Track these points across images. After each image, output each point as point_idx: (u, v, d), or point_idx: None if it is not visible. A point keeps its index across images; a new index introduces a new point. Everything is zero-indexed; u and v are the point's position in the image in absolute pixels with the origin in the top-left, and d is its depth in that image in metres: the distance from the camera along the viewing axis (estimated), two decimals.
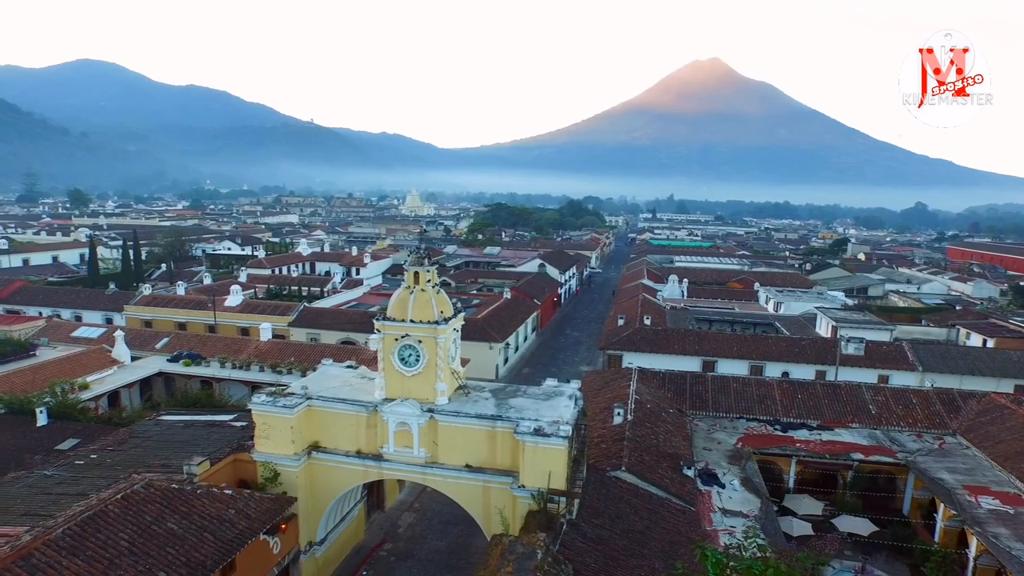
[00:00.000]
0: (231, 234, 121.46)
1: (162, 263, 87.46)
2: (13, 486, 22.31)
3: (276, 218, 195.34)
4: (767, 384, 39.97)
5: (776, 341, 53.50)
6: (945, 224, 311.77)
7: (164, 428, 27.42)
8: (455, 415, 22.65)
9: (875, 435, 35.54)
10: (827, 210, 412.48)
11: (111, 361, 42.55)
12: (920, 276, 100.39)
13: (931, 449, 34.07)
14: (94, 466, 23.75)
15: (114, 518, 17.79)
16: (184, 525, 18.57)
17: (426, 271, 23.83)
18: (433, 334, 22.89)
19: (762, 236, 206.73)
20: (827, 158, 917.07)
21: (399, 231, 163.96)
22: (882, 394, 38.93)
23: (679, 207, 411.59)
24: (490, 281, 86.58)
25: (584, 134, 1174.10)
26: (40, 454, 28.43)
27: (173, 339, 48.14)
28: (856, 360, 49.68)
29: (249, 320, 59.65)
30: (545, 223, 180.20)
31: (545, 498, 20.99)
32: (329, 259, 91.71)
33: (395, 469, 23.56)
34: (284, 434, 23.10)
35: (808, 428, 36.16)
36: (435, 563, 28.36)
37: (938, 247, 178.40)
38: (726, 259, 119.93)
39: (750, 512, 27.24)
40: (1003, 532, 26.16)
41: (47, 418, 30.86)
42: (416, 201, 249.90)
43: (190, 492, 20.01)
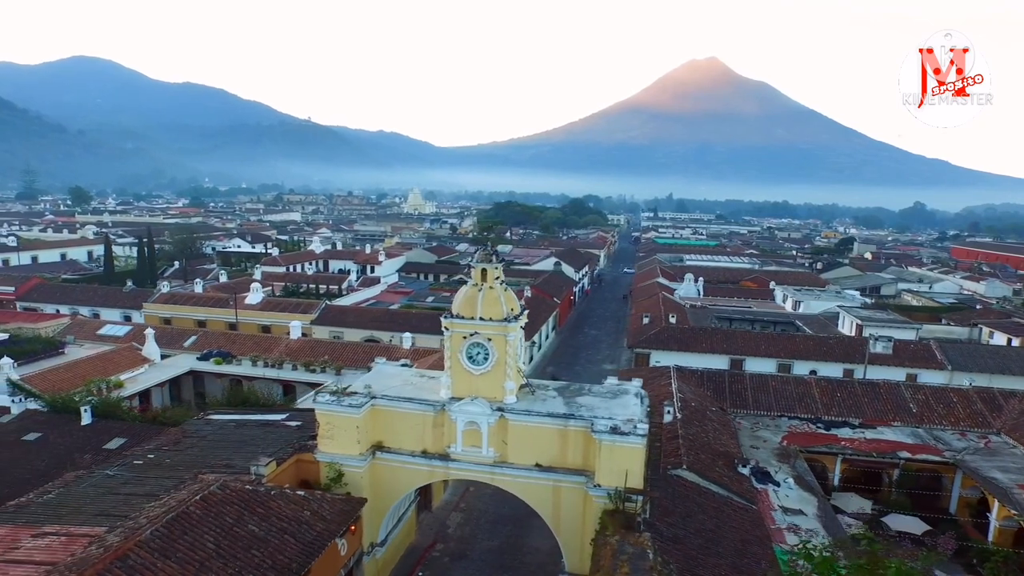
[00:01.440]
0: (239, 232, 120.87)
1: (174, 261, 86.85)
2: (78, 486, 21.96)
3: (279, 216, 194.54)
4: (805, 382, 39.84)
5: (803, 339, 53.40)
6: (943, 224, 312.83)
7: (216, 428, 27.07)
8: (526, 414, 22.38)
9: (918, 433, 35.41)
10: (826, 209, 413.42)
11: (142, 359, 42.12)
12: (931, 275, 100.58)
13: (977, 448, 33.94)
14: (154, 466, 23.40)
15: (197, 520, 17.48)
16: (264, 527, 18.27)
17: (494, 268, 23.56)
18: (503, 332, 22.62)
19: (766, 235, 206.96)
20: (824, 158, 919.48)
21: (404, 229, 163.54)
22: (922, 392, 38.82)
23: (679, 206, 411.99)
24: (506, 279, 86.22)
25: (581, 133, 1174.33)
26: (89, 453, 28.15)
27: (201, 337, 47.72)
28: (884, 359, 49.59)
29: (271, 318, 59.26)
30: (550, 222, 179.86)
31: (623, 497, 20.74)
32: (343, 257, 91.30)
33: (462, 469, 23.26)
34: (349, 434, 22.78)
35: (850, 426, 36.02)
36: (489, 563, 28.12)
37: (940, 247, 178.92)
38: (736, 258, 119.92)
39: (809, 511, 27.10)
40: None
41: (91, 417, 30.47)
42: (418, 199, 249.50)
43: (264, 493, 19.71)
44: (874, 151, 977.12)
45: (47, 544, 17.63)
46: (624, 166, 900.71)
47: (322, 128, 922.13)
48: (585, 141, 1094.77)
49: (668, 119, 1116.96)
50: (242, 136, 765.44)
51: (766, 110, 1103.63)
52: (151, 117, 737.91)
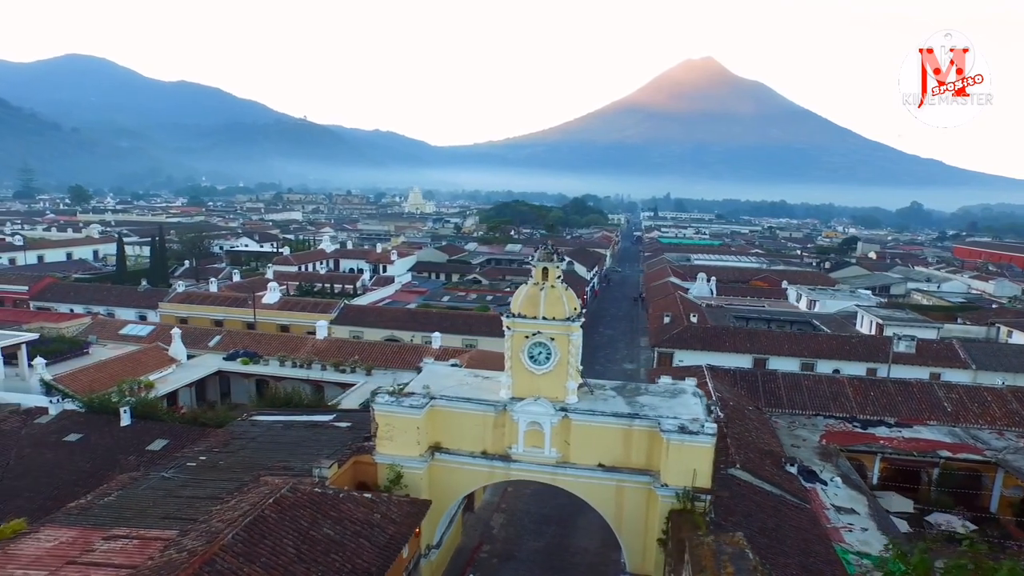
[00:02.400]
0: (246, 231, 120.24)
1: (184, 260, 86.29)
2: (136, 488, 21.68)
3: (280, 215, 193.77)
4: (838, 381, 39.84)
5: (826, 339, 53.47)
6: (940, 224, 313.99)
7: (263, 429, 26.80)
8: (590, 414, 22.23)
9: (955, 432, 35.40)
10: (823, 209, 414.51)
11: (169, 359, 41.77)
12: (939, 275, 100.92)
13: (1018, 447, 33.95)
14: (209, 468, 23.13)
15: (274, 523, 17.25)
16: (339, 530, 18.06)
17: (555, 266, 23.38)
18: (566, 331, 22.47)
19: (767, 235, 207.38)
20: (820, 157, 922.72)
21: (407, 228, 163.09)
22: (955, 391, 38.85)
23: (677, 206, 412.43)
24: (519, 279, 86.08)
25: (577, 132, 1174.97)
26: (132, 454, 27.87)
27: (226, 337, 47.37)
28: (908, 358, 49.65)
29: (289, 318, 58.95)
30: (554, 221, 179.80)
31: (691, 497, 20.61)
32: (354, 256, 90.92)
33: (523, 470, 23.08)
34: (409, 435, 22.57)
35: (887, 425, 36.01)
36: (537, 564, 27.97)
37: (941, 246, 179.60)
38: (743, 258, 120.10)
39: (860, 510, 27.06)
40: None
41: (131, 418, 30.15)
42: (418, 199, 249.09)
43: (334, 496, 19.51)
44: (868, 151, 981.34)
45: (121, 547, 17.37)
46: (620, 165, 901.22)
47: (318, 127, 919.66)
48: (581, 140, 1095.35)
49: (664, 119, 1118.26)
50: (238, 135, 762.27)
51: (761, 110, 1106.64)
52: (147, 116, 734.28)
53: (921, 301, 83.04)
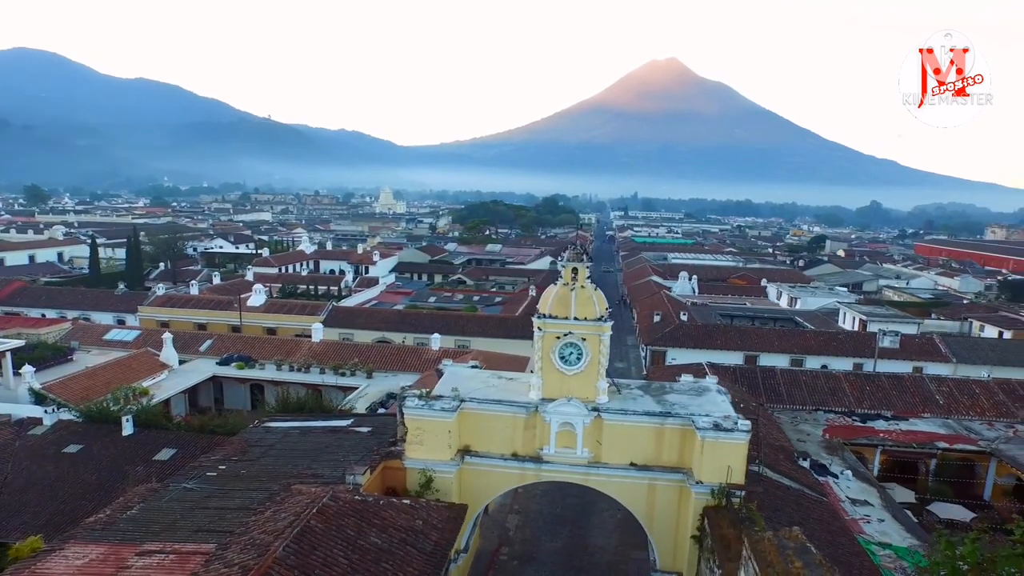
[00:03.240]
0: (219, 232, 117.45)
1: (158, 262, 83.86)
2: (158, 500, 20.91)
3: (249, 216, 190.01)
4: (835, 377, 40.75)
5: (814, 335, 54.68)
6: (898, 222, 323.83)
7: (280, 436, 26.14)
8: (623, 413, 22.26)
9: (949, 424, 36.57)
10: (787, 208, 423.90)
11: (160, 365, 40.55)
12: (907, 272, 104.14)
13: (1009, 437, 35.16)
14: (232, 478, 22.46)
15: (321, 534, 16.83)
16: (385, 539, 17.71)
17: (585, 267, 23.34)
18: (597, 331, 22.46)
19: (736, 234, 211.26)
20: (782, 157, 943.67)
21: (381, 229, 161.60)
22: (946, 385, 40.12)
23: (645, 205, 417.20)
24: (502, 279, 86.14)
25: (544, 132, 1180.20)
26: (140, 465, 26.93)
27: (217, 341, 46.15)
28: (892, 353, 51.09)
29: (276, 320, 57.88)
30: (529, 221, 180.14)
31: (727, 493, 20.81)
32: (334, 257, 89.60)
33: (555, 471, 22.99)
34: (440, 438, 22.29)
35: (884, 419, 36.99)
36: (559, 565, 27.90)
37: (902, 244, 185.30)
38: (719, 256, 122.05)
39: (874, 501, 27.71)
40: None
41: (133, 427, 29.13)
42: (389, 199, 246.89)
43: (374, 503, 19.14)
44: (828, 151, 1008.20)
45: (159, 563, 16.73)
46: (588, 165, 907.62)
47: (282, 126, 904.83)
48: (548, 140, 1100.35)
49: (630, 118, 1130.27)
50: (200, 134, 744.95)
51: (725, 110, 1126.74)
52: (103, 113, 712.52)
53: (893, 297, 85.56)
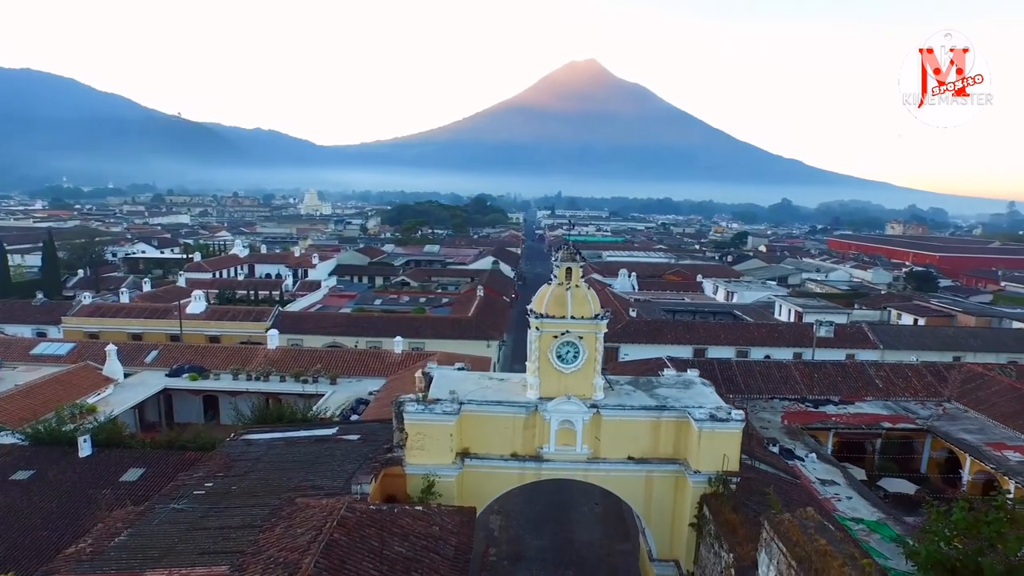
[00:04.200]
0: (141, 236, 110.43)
1: (75, 269, 78.11)
2: (147, 524, 19.61)
3: (165, 219, 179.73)
4: (786, 367, 43.05)
5: (757, 328, 57.46)
6: (807, 218, 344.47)
7: (263, 448, 25.04)
8: (620, 408, 22.74)
9: (889, 406, 39.42)
10: (705, 206, 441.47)
11: (104, 380, 37.99)
12: (826, 265, 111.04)
13: (940, 415, 38.30)
14: (223, 495, 21.36)
15: (347, 546, 16.37)
16: (407, 547, 17.39)
17: (579, 267, 23.65)
18: (594, 330, 22.85)
19: (662, 231, 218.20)
20: (697, 157, 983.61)
21: (310, 231, 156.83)
22: (883, 370, 43.19)
23: (570, 203, 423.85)
24: (444, 279, 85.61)
25: (466, 132, 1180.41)
26: (106, 488, 25.18)
27: (164, 351, 43.57)
28: (827, 341, 54.40)
29: (220, 328, 55.34)
30: (461, 221, 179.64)
31: (724, 480, 21.70)
32: (271, 261, 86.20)
33: (555, 469, 23.19)
34: (442, 442, 22.07)
35: (833, 403, 39.44)
36: (550, 562, 28.26)
37: (815, 239, 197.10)
38: (651, 253, 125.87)
39: (839, 481, 29.55)
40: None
41: (91, 447, 27.16)
42: (314, 200, 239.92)
43: (389, 511, 18.75)
44: (739, 151, 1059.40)
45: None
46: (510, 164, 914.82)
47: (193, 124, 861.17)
48: (470, 140, 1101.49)
49: (550, 118, 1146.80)
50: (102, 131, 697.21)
51: (642, 111, 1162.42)
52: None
53: (816, 290, 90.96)
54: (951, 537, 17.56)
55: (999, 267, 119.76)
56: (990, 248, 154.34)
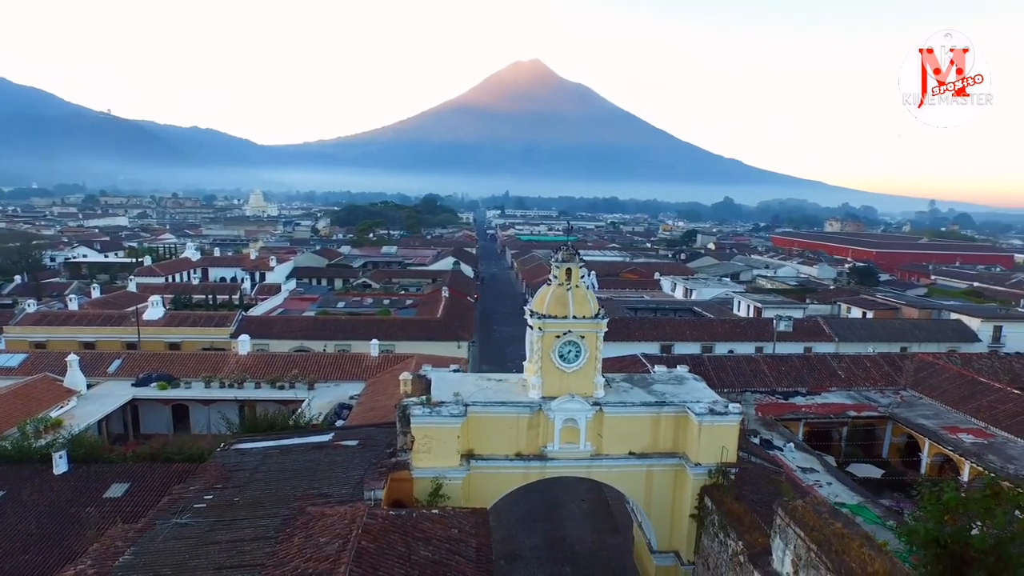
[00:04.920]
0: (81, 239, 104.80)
1: (11, 275, 73.74)
2: (150, 543, 18.85)
3: (102, 221, 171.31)
4: (755, 360, 44.64)
5: (720, 323, 59.29)
6: (747, 217, 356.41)
7: (259, 458, 24.35)
8: (622, 405, 23.23)
9: (852, 395, 41.41)
10: (650, 205, 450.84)
11: (66, 392, 36.16)
12: (774, 262, 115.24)
13: (898, 402, 40.49)
14: (227, 507, 20.72)
15: (376, 553, 16.21)
16: (432, 550, 17.34)
17: (578, 267, 23.99)
18: (595, 329, 23.27)
19: (612, 230, 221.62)
20: (641, 156, 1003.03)
21: (259, 232, 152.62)
22: (844, 361, 45.33)
23: (518, 203, 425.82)
24: (405, 280, 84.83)
25: (411, 131, 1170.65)
26: (89, 506, 24.10)
27: (127, 360, 41.73)
28: (787, 336, 56.68)
29: (180, 334, 53.43)
30: (414, 222, 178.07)
31: (724, 472, 22.47)
32: (226, 264, 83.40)
33: (559, 467, 23.49)
34: (449, 445, 22.07)
35: (801, 395, 41.15)
36: (545, 560, 28.55)
37: (759, 237, 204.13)
38: (606, 252, 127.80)
39: (818, 468, 30.93)
40: (991, 458, 32.29)
41: (67, 463, 25.88)
42: (260, 201, 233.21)
43: (408, 516, 18.64)
44: (682, 151, 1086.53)
45: None
46: (456, 164, 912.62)
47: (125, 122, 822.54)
48: (416, 139, 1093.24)
49: (496, 118, 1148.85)
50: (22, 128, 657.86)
51: (587, 111, 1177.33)
52: None
53: (767, 286, 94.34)
54: (941, 515, 18.75)
55: (929, 262, 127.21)
56: (920, 244, 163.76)
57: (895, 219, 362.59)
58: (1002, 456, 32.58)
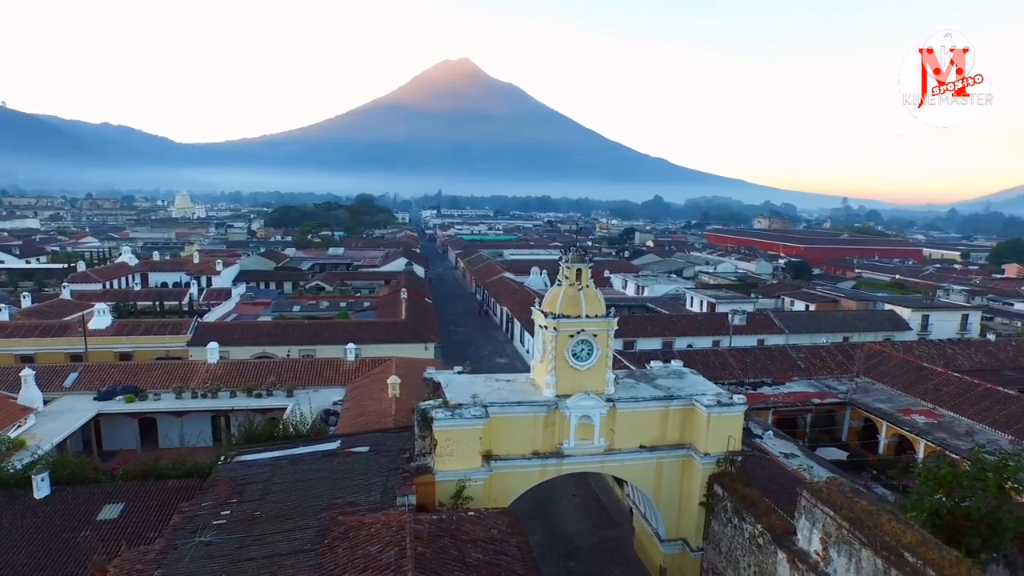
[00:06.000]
0: None
1: None
2: (178, 563, 18.03)
3: (9, 223, 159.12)
4: (722, 354, 46.59)
5: (679, 319, 61.38)
6: (677, 214, 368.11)
7: (268, 469, 23.54)
8: (633, 401, 23.95)
9: (813, 383, 43.88)
10: (582, 203, 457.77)
11: (21, 410, 33.69)
12: (713, 258, 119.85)
13: (855, 389, 43.24)
14: (249, 521, 20.00)
15: (433, 558, 16.20)
16: (481, 552, 17.46)
17: (587, 268, 24.55)
18: (606, 327, 23.90)
19: (550, 229, 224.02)
20: (571, 155, 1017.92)
21: (191, 235, 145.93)
22: (803, 352, 47.94)
23: (452, 203, 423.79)
24: (357, 283, 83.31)
25: (338, 130, 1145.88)
26: (84, 530, 22.73)
27: (84, 373, 39.23)
28: (741, 329, 59.29)
29: (131, 343, 50.76)
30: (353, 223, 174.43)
31: (731, 460, 23.60)
32: (167, 268, 79.25)
33: (574, 463, 23.99)
34: (471, 447, 22.18)
35: (767, 385, 43.28)
36: (548, 555, 28.86)
37: (692, 234, 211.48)
38: (550, 250, 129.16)
39: (798, 454, 32.68)
40: (943, 435, 35.10)
41: (50, 486, 24.27)
42: (186, 202, 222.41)
43: (448, 519, 18.70)
44: (610, 150, 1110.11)
45: None
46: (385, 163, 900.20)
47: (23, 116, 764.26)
48: (344, 138, 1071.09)
49: (425, 117, 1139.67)
50: None
51: (516, 110, 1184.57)
52: None
53: (709, 281, 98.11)
54: (937, 490, 20.45)
55: (852, 256, 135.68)
56: (841, 240, 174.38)
57: (813, 215, 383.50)
58: (952, 433, 35.43)
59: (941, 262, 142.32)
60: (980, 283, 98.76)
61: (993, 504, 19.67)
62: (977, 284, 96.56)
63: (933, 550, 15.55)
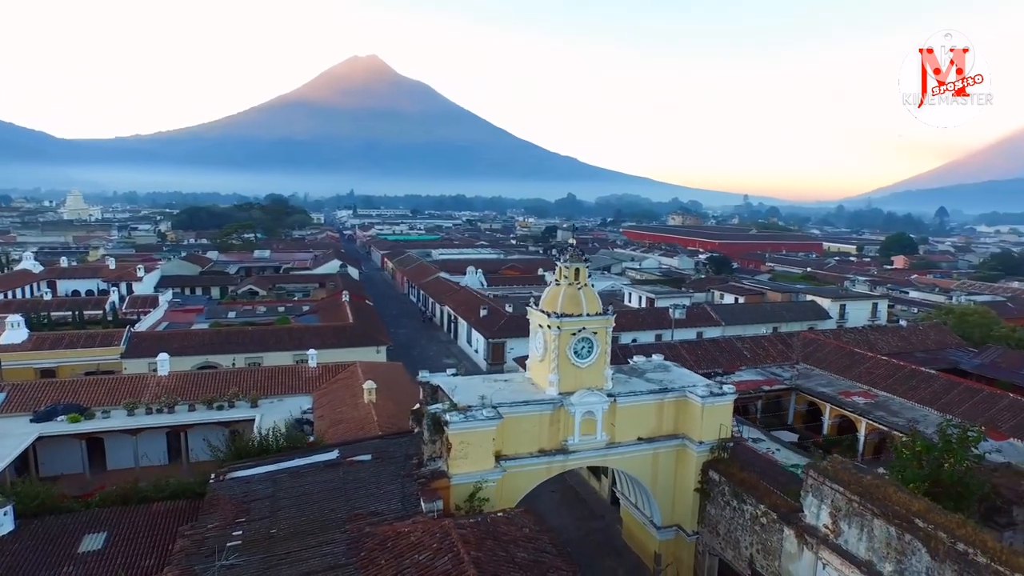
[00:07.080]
0: None
1: None
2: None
3: None
4: (674, 347, 48.53)
5: (623, 315, 62.93)
6: (590, 212, 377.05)
7: (270, 484, 22.39)
8: (632, 395, 24.78)
9: (760, 372, 46.57)
10: (496, 201, 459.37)
11: None
12: (638, 255, 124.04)
13: (797, 375, 46.31)
14: (266, 540, 19.11)
15: (486, 562, 16.24)
16: (524, 552, 17.67)
17: (585, 267, 25.10)
18: (605, 325, 24.58)
19: (470, 227, 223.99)
20: (482, 154, 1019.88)
21: (91, 238, 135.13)
22: (747, 343, 50.75)
23: (365, 202, 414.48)
24: (290, 286, 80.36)
25: (240, 127, 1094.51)
26: (65, 565, 20.92)
27: (12, 393, 35.68)
28: (681, 322, 61.99)
29: (55, 358, 46.78)
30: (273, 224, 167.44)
31: (724, 447, 24.93)
32: (79, 276, 72.99)
33: (578, 459, 24.50)
34: (485, 448, 22.21)
35: (719, 374, 45.47)
36: None
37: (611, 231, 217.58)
38: (480, 249, 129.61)
39: (764, 438, 34.73)
40: (881, 414, 38.36)
41: (14, 521, 22.16)
42: (79, 203, 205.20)
43: (483, 522, 18.73)
44: (520, 149, 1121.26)
45: None
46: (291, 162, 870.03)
47: None
48: (247, 136, 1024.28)
49: (333, 115, 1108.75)
50: None
51: (426, 109, 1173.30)
52: None
53: (637, 277, 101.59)
54: (912, 462, 22.57)
55: (763, 251, 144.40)
56: (751, 235, 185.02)
57: (718, 212, 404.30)
58: (888, 411, 38.71)
59: (839, 255, 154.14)
60: (877, 274, 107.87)
61: (962, 470, 21.97)
62: (875, 275, 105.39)
63: (940, 515, 17.22)
